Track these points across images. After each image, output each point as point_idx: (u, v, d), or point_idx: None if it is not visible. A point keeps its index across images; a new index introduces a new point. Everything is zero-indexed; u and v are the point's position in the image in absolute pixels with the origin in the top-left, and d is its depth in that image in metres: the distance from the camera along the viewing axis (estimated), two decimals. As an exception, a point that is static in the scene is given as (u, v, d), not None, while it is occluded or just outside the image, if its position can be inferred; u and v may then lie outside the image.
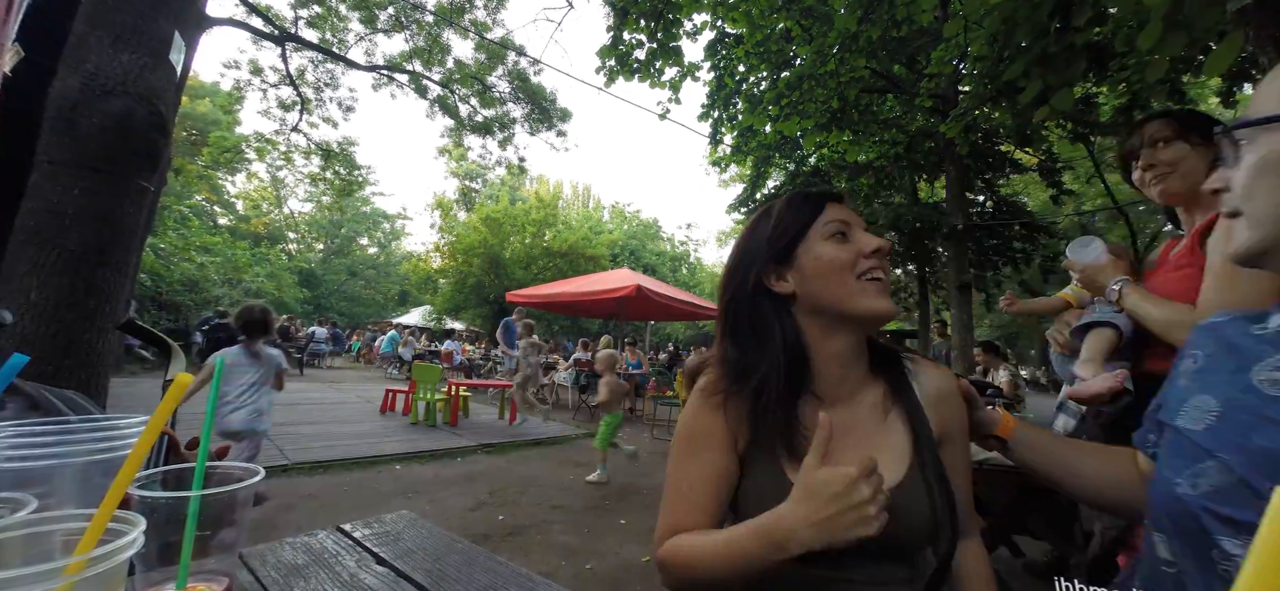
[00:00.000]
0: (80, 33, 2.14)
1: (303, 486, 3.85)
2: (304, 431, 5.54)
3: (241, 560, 0.70)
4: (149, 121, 2.15)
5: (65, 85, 2.04)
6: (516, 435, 6.29)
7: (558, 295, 10.99)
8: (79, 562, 0.31)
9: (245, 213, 26.38)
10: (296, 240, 29.39)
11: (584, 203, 39.44)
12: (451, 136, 15.33)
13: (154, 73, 2.22)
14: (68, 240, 1.94)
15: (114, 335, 2.06)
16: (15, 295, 1.84)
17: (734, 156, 7.97)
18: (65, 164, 1.99)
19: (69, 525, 0.36)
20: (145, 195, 2.23)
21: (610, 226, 29.36)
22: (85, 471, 0.44)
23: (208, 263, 13.96)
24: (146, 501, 0.44)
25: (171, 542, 0.46)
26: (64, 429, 0.46)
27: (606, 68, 5.72)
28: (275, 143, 14.73)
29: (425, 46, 13.12)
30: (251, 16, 11.21)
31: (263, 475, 0.53)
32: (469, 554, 0.81)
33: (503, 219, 19.72)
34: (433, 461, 4.84)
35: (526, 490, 4.13)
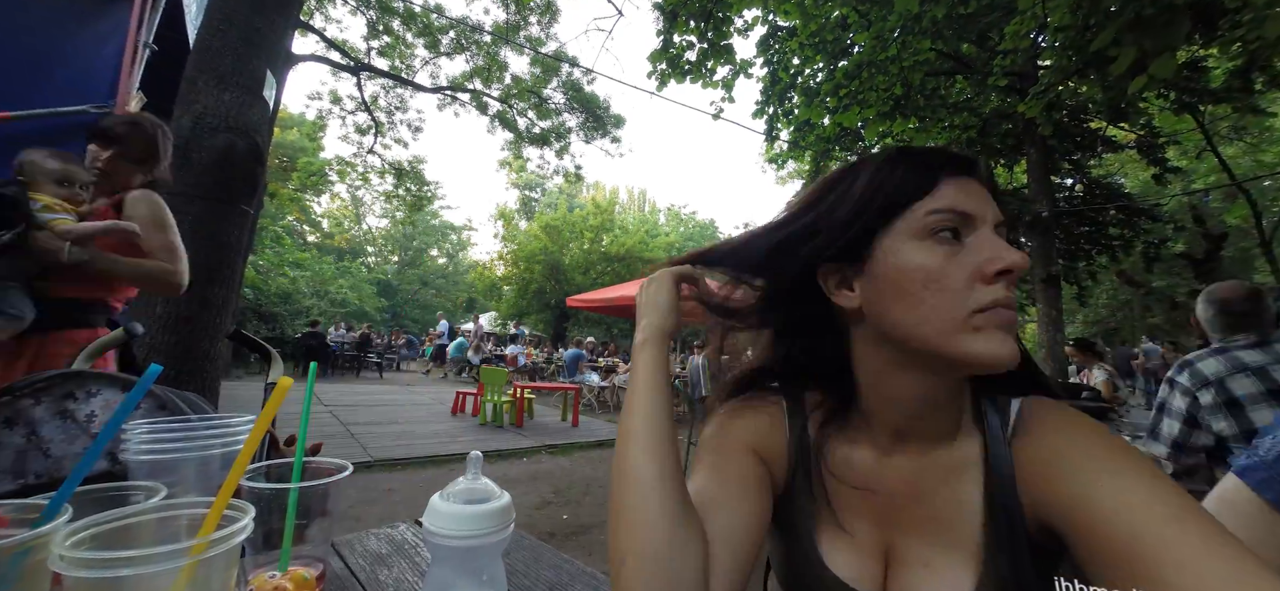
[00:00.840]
0: (191, 76, 2.42)
1: (383, 481, 4.12)
2: (384, 431, 5.92)
3: (333, 548, 0.76)
4: (248, 153, 2.39)
5: (180, 124, 2.31)
6: (579, 436, 6.43)
7: (616, 299, 11.13)
8: (201, 544, 0.36)
9: (329, 230, 28.60)
10: (374, 253, 31.49)
11: (639, 206, 39.75)
12: (511, 149, 15.93)
13: (251, 109, 2.46)
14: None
15: (223, 343, 2.30)
16: (144, 310, 2.10)
17: (791, 152, 7.77)
18: (181, 193, 2.25)
19: (192, 511, 0.41)
20: (246, 218, 2.47)
21: (666, 229, 29.44)
22: (204, 464, 0.51)
23: (299, 277, 15.27)
24: (254, 491, 0.50)
25: (274, 529, 0.51)
26: (187, 427, 0.52)
27: (658, 72, 5.75)
28: (354, 164, 15.96)
29: (484, 65, 13.74)
30: (330, 50, 12.25)
31: (351, 470, 0.58)
32: (536, 550, 0.84)
33: (561, 226, 20.28)
34: (500, 460, 5.04)
35: (589, 490, 4.21)
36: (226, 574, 0.38)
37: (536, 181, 24.66)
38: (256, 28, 2.59)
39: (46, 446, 0.59)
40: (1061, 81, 3.92)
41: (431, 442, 5.49)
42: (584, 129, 15.21)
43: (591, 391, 9.34)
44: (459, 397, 7.84)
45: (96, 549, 0.33)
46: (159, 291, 1.61)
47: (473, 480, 0.52)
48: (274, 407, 0.47)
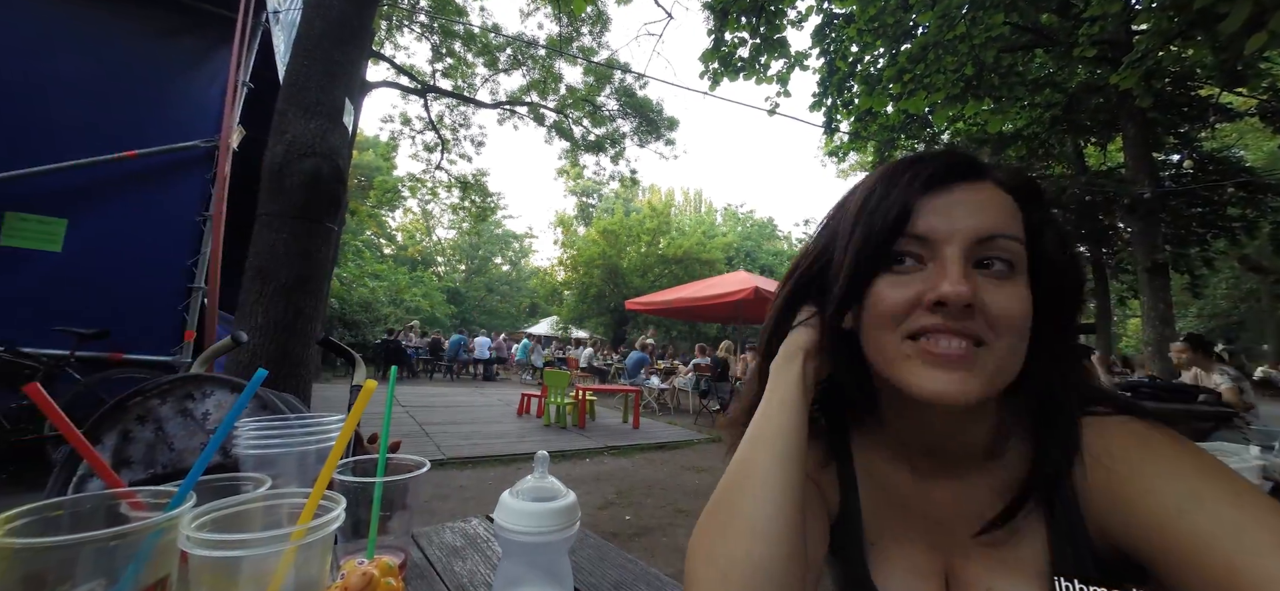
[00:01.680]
0: (281, 108, 2.65)
1: (455, 478, 4.32)
2: (455, 430, 6.22)
3: (413, 539, 0.81)
4: (332, 175, 2.59)
5: (273, 152, 2.53)
6: (640, 438, 6.46)
7: (674, 301, 11.15)
8: (301, 530, 0.39)
9: (403, 242, 30.43)
10: (443, 263, 33.18)
11: (696, 208, 39.52)
12: (568, 157, 16.32)
13: (333, 134, 2.67)
14: (280, 275, 2.40)
15: (314, 348, 2.51)
16: (247, 319, 2.33)
17: (853, 143, 7.47)
18: (275, 214, 2.47)
19: (293, 500, 0.45)
20: (331, 235, 2.68)
21: (723, 229, 29.09)
22: (302, 458, 0.56)
23: (377, 287, 16.38)
24: (344, 484, 0.54)
25: (361, 519, 0.55)
26: (286, 425, 0.58)
27: (710, 71, 5.70)
28: (423, 180, 16.97)
29: (540, 78, 14.19)
30: (399, 76, 13.12)
31: (428, 467, 0.61)
32: (601, 548, 0.85)
33: (618, 230, 20.55)
34: (563, 461, 5.16)
35: (651, 492, 4.23)
36: (323, 558, 0.42)
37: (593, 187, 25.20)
38: (335, 60, 2.82)
39: (171, 440, 0.67)
40: (1162, 46, 3.52)
41: (499, 442, 5.71)
42: (638, 133, 15.35)
43: (651, 394, 9.37)
44: (524, 399, 8.10)
45: (215, 532, 0.37)
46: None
47: (540, 479, 0.54)
48: (360, 409, 0.51)
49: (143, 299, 3.33)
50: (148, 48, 3.60)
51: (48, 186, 3.19)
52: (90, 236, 3.29)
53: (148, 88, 3.57)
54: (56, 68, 3.36)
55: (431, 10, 12.60)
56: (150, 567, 0.35)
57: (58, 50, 3.39)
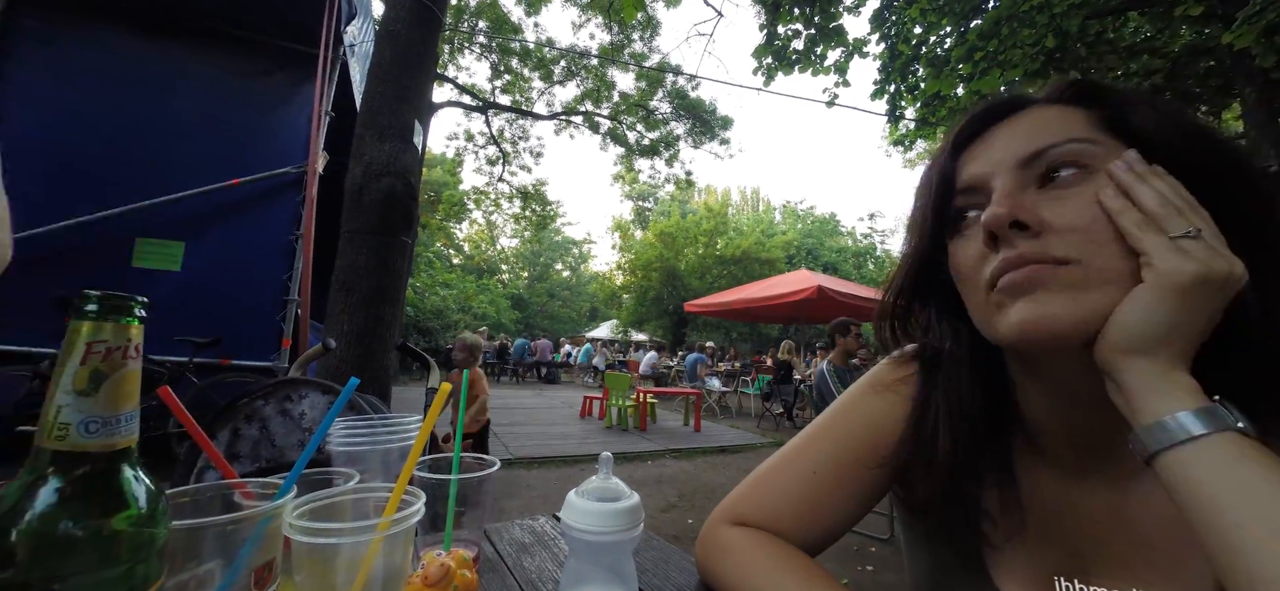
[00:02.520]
0: (359, 133, 2.86)
1: (522, 477, 4.47)
2: (521, 431, 6.44)
3: (485, 534, 0.84)
4: (405, 193, 2.77)
5: (353, 174, 2.74)
6: (702, 441, 6.42)
7: (734, 302, 10.97)
8: (386, 522, 0.42)
9: (470, 252, 31.88)
10: (507, 270, 34.46)
11: (753, 206, 38.80)
12: (623, 162, 16.52)
13: (405, 155, 2.85)
14: (362, 286, 2.59)
15: (392, 353, 2.69)
16: (334, 327, 2.53)
17: (920, 130, 7.05)
18: (357, 231, 2.66)
19: (378, 494, 0.49)
20: (406, 248, 2.86)
21: (783, 227, 28.33)
22: (386, 455, 0.60)
23: (447, 295, 17.25)
24: (422, 480, 0.57)
25: (438, 513, 0.58)
26: (371, 425, 0.62)
27: (764, 67, 5.59)
28: (486, 192, 17.76)
29: (593, 87, 14.48)
30: (462, 95, 13.83)
31: (499, 466, 0.64)
32: (665, 551, 0.85)
33: (675, 232, 20.53)
34: (625, 463, 5.21)
35: (714, 496, 4.18)
36: (406, 548, 0.45)
37: (649, 191, 25.34)
38: (405, 85, 3.01)
39: (273, 437, 0.74)
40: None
41: (563, 443, 5.85)
42: (692, 135, 15.30)
43: (712, 396, 9.27)
44: (586, 401, 8.25)
45: (313, 520, 0.41)
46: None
47: (604, 479, 0.55)
48: (437, 410, 0.54)
49: (246, 310, 3.70)
50: (246, 86, 4.01)
51: (168, 215, 3.62)
52: (203, 256, 3.70)
53: (247, 122, 3.97)
54: (173, 111, 3.81)
55: (490, 31, 13.18)
56: (260, 551, 0.39)
57: (172, 95, 3.84)
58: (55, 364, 0.94)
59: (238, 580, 0.38)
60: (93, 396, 0.28)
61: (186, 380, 3.34)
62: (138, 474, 0.30)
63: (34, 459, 0.28)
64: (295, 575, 0.41)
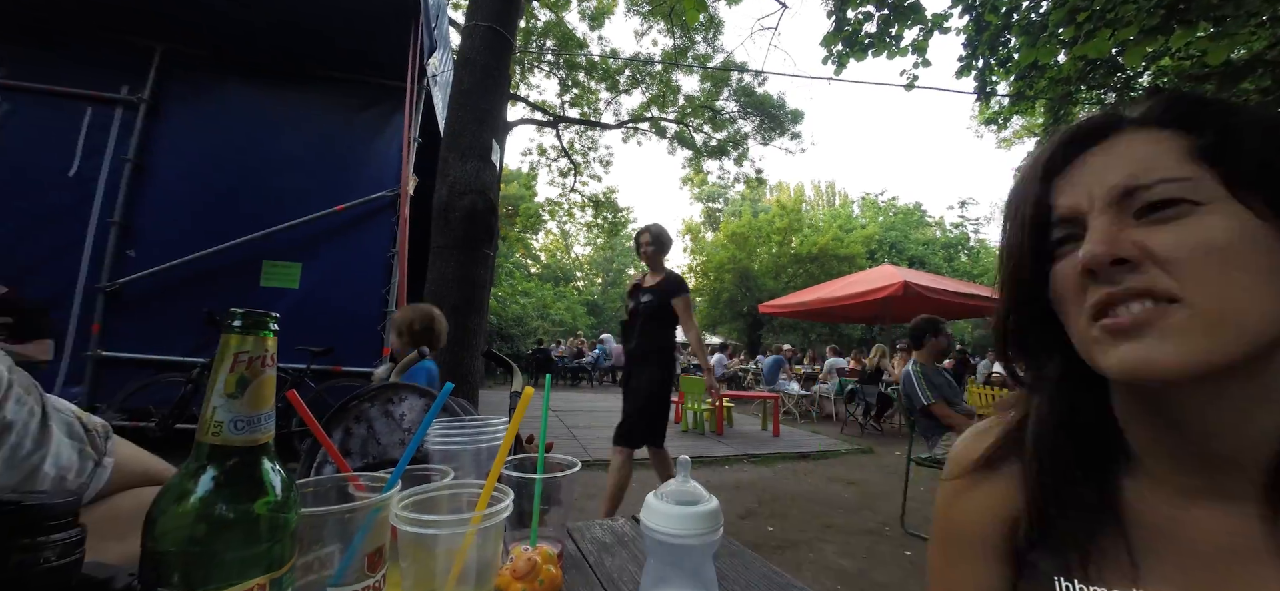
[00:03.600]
0: (444, 155, 3.07)
1: (601, 479, 4.55)
2: (599, 433, 6.57)
3: (568, 532, 0.87)
4: (486, 209, 2.93)
5: (439, 194, 2.94)
6: (781, 447, 6.23)
7: (811, 302, 10.54)
8: (479, 516, 0.45)
9: (546, 261, 33.13)
10: (582, 277, 35.43)
11: (829, 201, 37.21)
12: (691, 165, 16.48)
13: (485, 173, 3.02)
14: (451, 297, 2.77)
15: (479, 359, 2.86)
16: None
17: (1015, 107, 6.42)
18: (444, 246, 2.86)
19: (470, 490, 0.52)
20: (488, 260, 3.03)
21: (862, 221, 26.87)
22: (476, 454, 0.64)
23: (527, 303, 18.02)
24: (509, 478, 0.60)
25: (524, 510, 0.61)
26: (463, 426, 0.66)
27: (834, 54, 5.35)
28: (560, 203, 18.42)
29: (659, 93, 14.58)
30: (534, 112, 14.48)
31: (579, 466, 0.66)
32: (744, 557, 0.84)
33: (747, 232, 20.12)
34: (703, 467, 5.16)
35: (795, 504, 4.04)
36: (497, 541, 0.47)
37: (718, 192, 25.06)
38: (483, 109, 3.20)
39: (378, 436, 0.81)
40: None
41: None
42: (760, 132, 14.98)
43: (791, 400, 8.98)
44: (661, 406, 8.27)
45: (415, 512, 0.45)
46: None
47: (682, 483, 0.55)
48: (521, 413, 0.57)
49: (353, 321, 4.08)
50: (346, 121, 4.44)
51: (287, 239, 4.08)
52: (316, 274, 4.14)
53: (348, 153, 4.39)
54: (287, 147, 4.29)
55: (556, 48, 13.68)
56: (371, 537, 0.44)
57: (286, 133, 4.32)
58: (204, 371, 1.10)
59: (353, 562, 0.42)
60: (239, 398, 0.32)
61: (305, 384, 3.74)
62: (274, 466, 0.35)
63: (195, 451, 0.33)
64: (402, 561, 0.45)
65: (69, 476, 0.49)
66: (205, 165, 4.15)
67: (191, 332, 3.77)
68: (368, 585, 0.43)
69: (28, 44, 3.98)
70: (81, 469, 0.51)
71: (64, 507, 0.29)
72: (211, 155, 4.17)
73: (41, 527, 0.28)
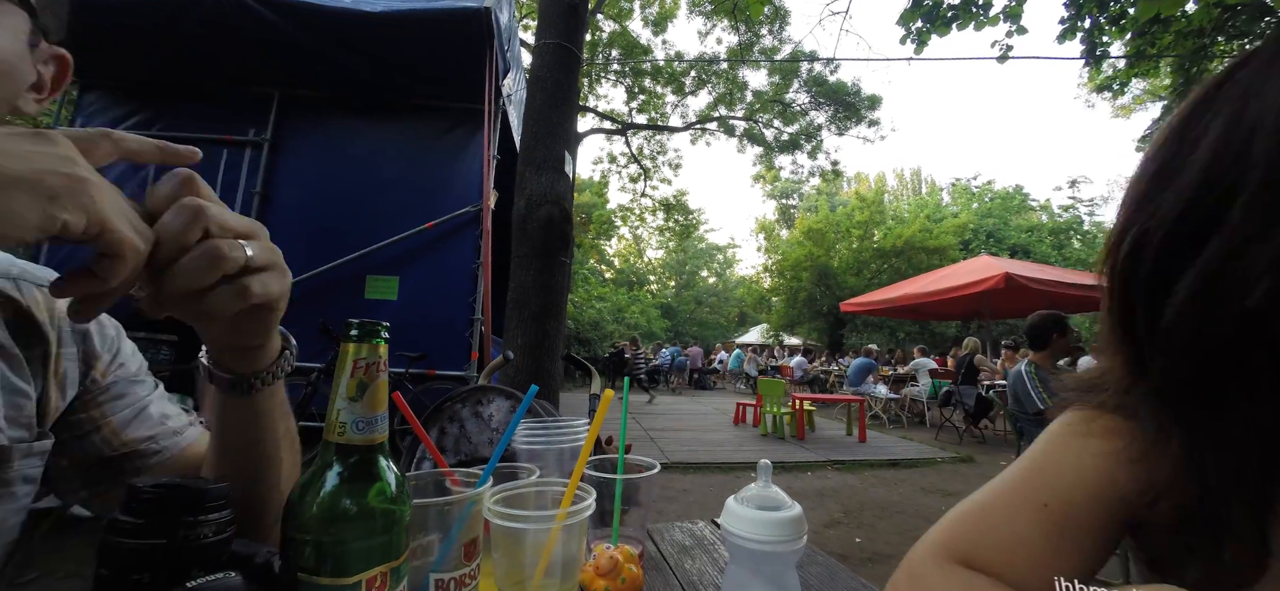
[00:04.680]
0: (520, 170, 3.23)
1: (679, 482, 4.56)
2: (677, 437, 6.58)
3: (648, 533, 0.89)
4: (562, 218, 3.04)
5: (517, 206, 3.09)
6: (869, 453, 5.91)
7: (898, 299, 9.89)
8: (564, 513, 0.47)
9: (620, 266, 33.72)
10: (655, 281, 35.70)
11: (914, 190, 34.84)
12: (762, 162, 16.09)
13: (559, 183, 3.13)
14: (531, 304, 2.90)
15: (559, 363, 2.97)
16: (511, 341, 2.88)
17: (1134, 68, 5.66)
18: (524, 255, 3.00)
19: (555, 488, 0.55)
20: (565, 267, 3.14)
21: (954, 209, 24.83)
22: (559, 454, 0.67)
23: (602, 307, 18.44)
24: (591, 478, 0.63)
25: (605, 510, 0.63)
26: (546, 427, 0.70)
27: (913, 33, 5.00)
28: (631, 209, 18.72)
29: (726, 91, 14.37)
30: (603, 121, 14.80)
31: (658, 468, 0.67)
32: (831, 568, 0.81)
33: (824, 228, 19.31)
34: (783, 473, 5.01)
35: (886, 515, 3.82)
36: (580, 538, 0.49)
37: (792, 187, 24.28)
38: (554, 122, 3.32)
39: (469, 435, 0.87)
40: None
41: (718, 450, 5.84)
42: (834, 122, 14.34)
43: (878, 404, 8.49)
44: (739, 408, 8.15)
45: (506, 506, 0.48)
46: None
47: (764, 487, 0.54)
48: (602, 415, 0.59)
49: (444, 329, 4.38)
50: (432, 144, 4.80)
51: (386, 255, 4.47)
52: (411, 286, 4.50)
53: (435, 173, 4.73)
54: (382, 171, 4.70)
55: (622, 57, 13.91)
56: (466, 529, 0.47)
57: (382, 159, 4.74)
58: (320, 375, 1.23)
59: (451, 551, 0.46)
60: (359, 401, 0.36)
61: (405, 387, 4.07)
62: (389, 463, 0.39)
63: (322, 449, 0.37)
64: (494, 553, 0.48)
65: (169, 421, 0.59)
66: (317, 193, 4.65)
67: (309, 342, 4.23)
68: (464, 573, 0.46)
69: (176, 100, 4.73)
70: (178, 416, 0.61)
71: (219, 492, 0.34)
72: (321, 183, 4.67)
73: (202, 507, 0.33)
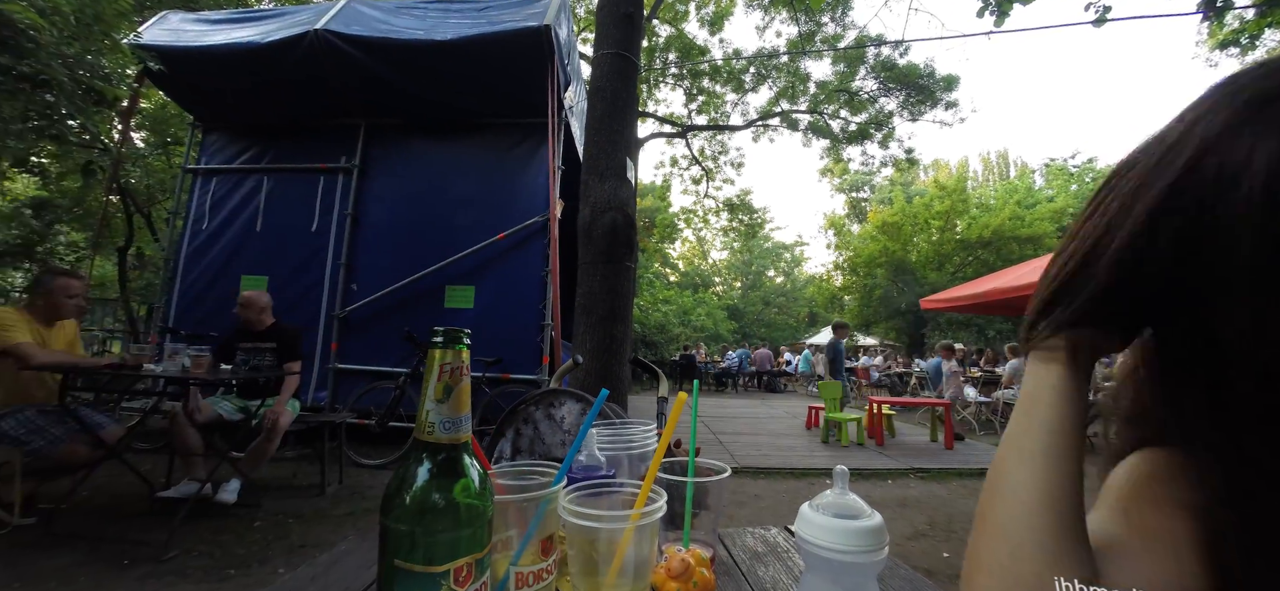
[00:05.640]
0: (584, 179, 3.31)
1: (749, 487, 4.47)
2: (747, 441, 6.45)
3: (718, 538, 0.88)
4: (626, 224, 3.09)
5: (582, 214, 3.17)
6: (957, 461, 5.51)
7: (987, 293, 9.06)
8: (637, 514, 0.48)
9: (685, 269, 33.63)
10: (721, 282, 35.28)
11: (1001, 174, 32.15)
12: (829, 155, 15.48)
13: (622, 190, 3.18)
14: (599, 309, 2.97)
15: (627, 366, 3.02)
16: (580, 346, 2.95)
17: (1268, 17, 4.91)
18: (590, 262, 3.06)
19: (628, 490, 0.56)
20: (630, 272, 3.19)
21: (1049, 192, 22.60)
22: (630, 456, 0.68)
23: (668, 310, 18.47)
24: (661, 481, 0.63)
25: (676, 513, 0.63)
26: (616, 429, 0.71)
27: (991, 4, 4.62)
28: (694, 210, 18.63)
29: (787, 85, 13.95)
30: (663, 125, 14.85)
31: (729, 472, 0.67)
32: (916, 583, 0.76)
33: (900, 221, 18.25)
34: (859, 480, 4.78)
35: (978, 523, 3.54)
36: (653, 539, 0.50)
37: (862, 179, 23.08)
38: (615, 130, 3.38)
39: (542, 436, 0.90)
40: None
41: (790, 455, 5.67)
42: (907, 107, 13.52)
43: (966, 408, 7.89)
44: (812, 412, 7.87)
45: (580, 505, 0.49)
46: None
47: (841, 494, 0.53)
48: (675, 418, 0.60)
49: (516, 334, 4.58)
50: (501, 159, 5.03)
51: (463, 267, 4.74)
52: (486, 295, 4.74)
53: (504, 186, 4.96)
54: (458, 188, 4.99)
55: (679, 60, 13.88)
56: (543, 525, 0.49)
57: (457, 177, 5.03)
58: (407, 379, 1.33)
59: (529, 546, 0.48)
60: (445, 403, 0.39)
61: (481, 391, 4.28)
62: (473, 461, 0.41)
63: (413, 446, 0.41)
64: (569, 549, 0.50)
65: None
66: (399, 211, 5.02)
67: (396, 348, 4.56)
68: (541, 568, 0.48)
69: (281, 137, 5.33)
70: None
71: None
72: (403, 203, 5.04)
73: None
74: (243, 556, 2.47)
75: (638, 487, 0.53)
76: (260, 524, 2.86)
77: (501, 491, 0.49)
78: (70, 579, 2.16)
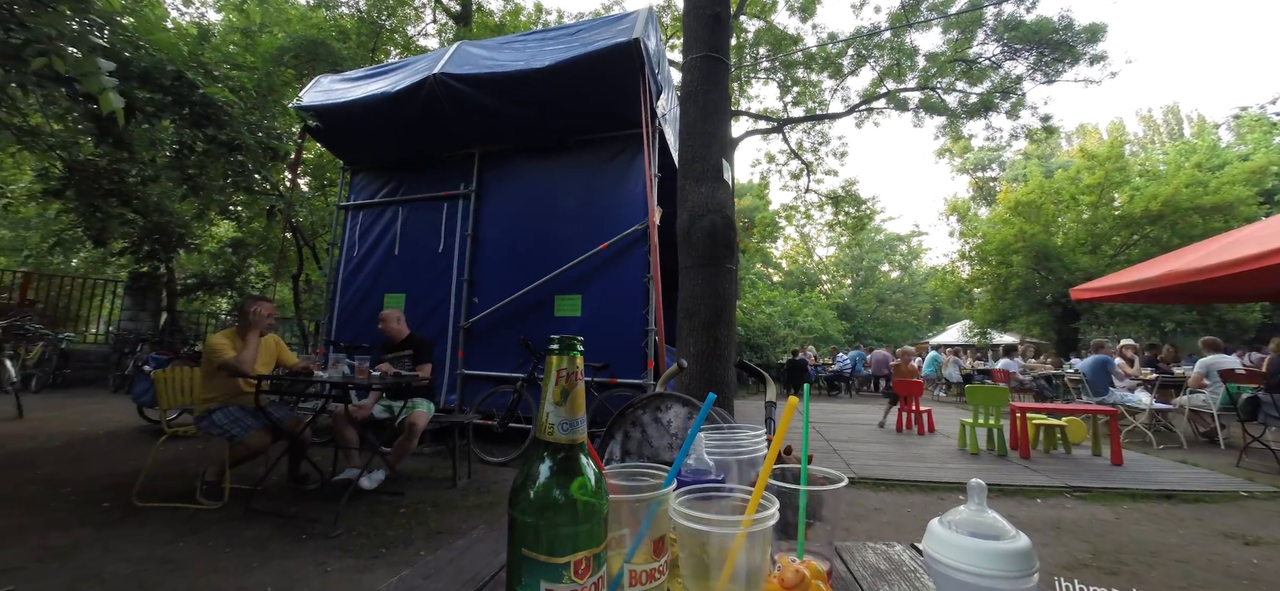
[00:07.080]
0: (681, 184, 3.33)
1: (867, 500, 4.17)
2: (864, 449, 6.03)
3: (836, 551, 0.84)
4: (725, 226, 3.06)
5: (680, 219, 3.19)
6: (1127, 480, 4.71)
7: (1160, 278, 7.54)
8: (748, 520, 0.47)
9: (789, 268, 32.41)
10: (828, 280, 33.51)
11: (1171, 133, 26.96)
12: (946, 133, 14.07)
13: (719, 192, 3.16)
14: (701, 312, 2.96)
15: (732, 370, 2.98)
16: (683, 350, 2.96)
17: None
18: (690, 266, 3.07)
19: (738, 496, 0.55)
20: (731, 274, 3.15)
21: (1241, 149, 18.38)
22: (739, 462, 0.67)
23: (772, 312, 17.89)
24: (774, 488, 0.62)
25: (789, 522, 0.61)
26: (725, 435, 0.71)
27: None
28: (796, 206, 17.86)
29: (892, 63, 12.89)
30: (757, 122, 14.43)
31: (846, 482, 0.63)
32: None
33: (1038, 199, 15.88)
34: (1000, 497, 4.25)
35: (1157, 562, 2.98)
36: (764, 547, 0.49)
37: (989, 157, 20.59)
38: (709, 133, 3.36)
39: (650, 439, 0.92)
40: None
41: (916, 466, 5.21)
42: (1040, 68, 11.83)
43: (1138, 416, 6.70)
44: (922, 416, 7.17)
45: (691, 509, 0.50)
46: None
47: (977, 511, 0.48)
48: (786, 423, 0.58)
49: (622, 340, 4.73)
50: (600, 172, 5.24)
51: (570, 277, 4.99)
52: (592, 303, 4.95)
53: (605, 198, 5.16)
54: (563, 203, 5.28)
55: (770, 52, 13.41)
56: (655, 526, 0.50)
57: (561, 193, 5.32)
58: (524, 384, 1.44)
59: (641, 545, 0.49)
60: (563, 405, 0.42)
61: (591, 395, 4.47)
62: (588, 461, 0.44)
63: (536, 446, 0.44)
64: (681, 552, 0.51)
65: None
66: (512, 229, 5.45)
67: (514, 355, 4.92)
68: (654, 567, 0.50)
69: (412, 171, 6.06)
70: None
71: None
72: (515, 221, 5.46)
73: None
74: (392, 538, 2.81)
75: (748, 493, 0.52)
76: (404, 511, 3.23)
77: (614, 491, 0.51)
78: (263, 547, 2.62)
